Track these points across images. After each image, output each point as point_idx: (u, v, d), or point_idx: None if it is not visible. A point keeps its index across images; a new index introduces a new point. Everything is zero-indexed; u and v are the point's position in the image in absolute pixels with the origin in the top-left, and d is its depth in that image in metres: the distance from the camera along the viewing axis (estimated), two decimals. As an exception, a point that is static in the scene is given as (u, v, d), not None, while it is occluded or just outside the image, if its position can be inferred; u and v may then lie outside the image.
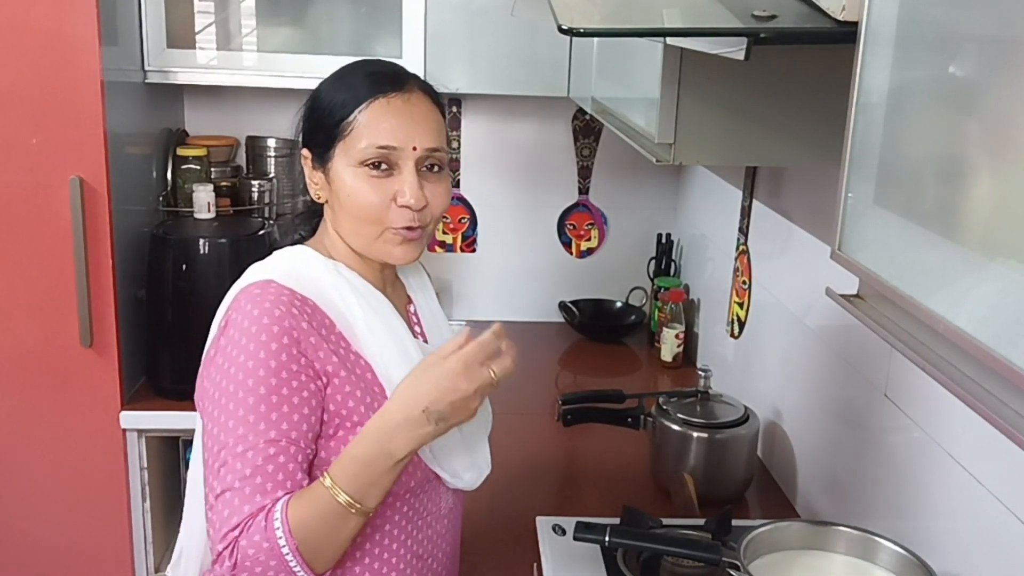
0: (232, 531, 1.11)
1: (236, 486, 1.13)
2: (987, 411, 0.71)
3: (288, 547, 1.10)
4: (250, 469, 1.13)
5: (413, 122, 1.23)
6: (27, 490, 2.22)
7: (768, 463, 2.00)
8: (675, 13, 1.15)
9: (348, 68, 1.30)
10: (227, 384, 1.16)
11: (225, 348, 1.18)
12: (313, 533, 1.12)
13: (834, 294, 0.97)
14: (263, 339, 1.15)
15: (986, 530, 1.23)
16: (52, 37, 1.99)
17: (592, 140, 2.83)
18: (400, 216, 1.23)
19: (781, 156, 1.55)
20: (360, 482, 1.12)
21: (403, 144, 1.22)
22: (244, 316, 1.18)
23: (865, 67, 0.91)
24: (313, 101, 1.28)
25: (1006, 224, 0.71)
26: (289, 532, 1.10)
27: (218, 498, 1.13)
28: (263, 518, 1.12)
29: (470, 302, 2.92)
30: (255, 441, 1.13)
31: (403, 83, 1.25)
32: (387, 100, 1.23)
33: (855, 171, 0.93)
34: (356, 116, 1.22)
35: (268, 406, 1.14)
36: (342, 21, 2.52)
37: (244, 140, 2.71)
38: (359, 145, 1.22)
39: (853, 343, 1.63)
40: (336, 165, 1.24)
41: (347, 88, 1.25)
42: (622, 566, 1.51)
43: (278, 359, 1.15)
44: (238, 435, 1.14)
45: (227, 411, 1.15)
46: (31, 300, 2.11)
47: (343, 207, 1.25)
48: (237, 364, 1.16)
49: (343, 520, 1.13)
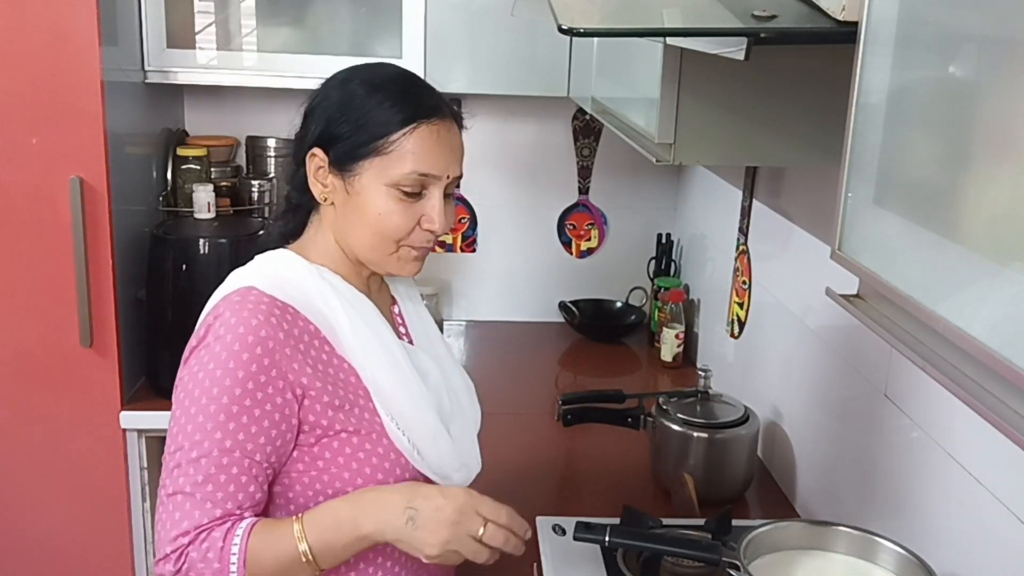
0: (182, 536, 1.12)
1: (187, 490, 1.13)
2: (987, 411, 0.71)
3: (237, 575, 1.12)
4: (202, 476, 1.13)
5: (451, 151, 1.25)
6: (27, 490, 2.22)
7: (768, 463, 2.00)
8: (675, 13, 1.16)
9: (376, 77, 1.26)
10: (194, 388, 1.17)
11: (199, 353, 1.19)
12: (263, 569, 1.13)
13: (834, 294, 0.97)
14: (236, 348, 1.16)
15: (986, 530, 1.23)
16: (52, 37, 1.99)
17: (592, 140, 2.83)
18: (421, 237, 1.26)
19: (781, 156, 1.55)
20: (324, 539, 1.14)
21: (441, 173, 1.24)
22: (222, 323, 1.18)
23: (865, 67, 0.91)
24: (337, 105, 1.24)
25: (1006, 224, 0.71)
26: (243, 562, 1.12)
27: (169, 497, 1.15)
28: (221, 537, 1.12)
29: (470, 302, 2.92)
30: (209, 448, 1.14)
31: (443, 110, 1.26)
32: (430, 127, 1.23)
33: (855, 171, 0.93)
34: (400, 138, 1.21)
35: (228, 416, 1.15)
36: (342, 21, 2.52)
37: (244, 140, 2.71)
38: (401, 168, 1.21)
39: (853, 343, 1.63)
40: (365, 179, 1.23)
41: (388, 104, 1.22)
42: (622, 566, 1.51)
43: (247, 370, 1.15)
44: (194, 440, 1.15)
45: (188, 415, 1.16)
46: (31, 300, 2.11)
47: (365, 221, 1.24)
48: (206, 371, 1.16)
49: (296, 567, 1.14)
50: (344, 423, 1.21)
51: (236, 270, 1.27)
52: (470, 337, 2.82)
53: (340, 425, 1.21)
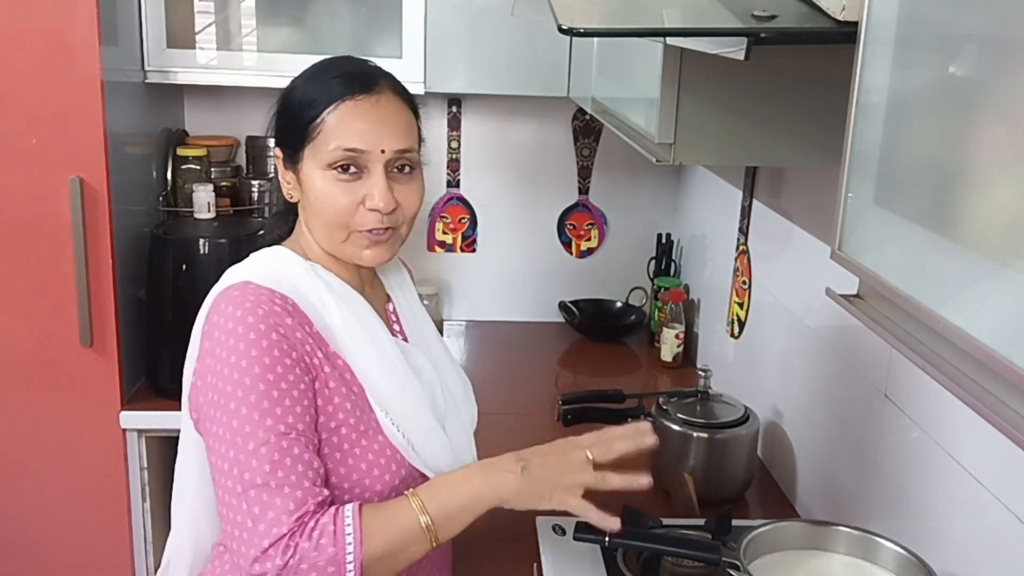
0: (277, 527, 1.09)
1: (259, 482, 1.11)
2: (987, 411, 0.71)
3: (354, 558, 1.09)
4: (268, 464, 1.11)
5: (382, 124, 1.23)
6: (27, 490, 2.22)
7: (768, 463, 2.00)
8: (675, 13, 1.16)
9: (321, 67, 1.28)
10: (224, 385, 1.15)
11: (213, 351, 1.17)
12: (382, 547, 1.11)
13: (834, 294, 0.97)
14: (252, 337, 1.15)
15: (986, 530, 1.23)
16: (52, 37, 1.99)
17: (592, 140, 2.83)
18: (368, 219, 1.23)
19: (781, 156, 1.55)
20: (443, 507, 1.14)
21: (371, 147, 1.22)
22: (227, 319, 1.17)
23: (865, 67, 0.91)
24: (284, 99, 1.28)
25: (1006, 223, 0.71)
26: (360, 541, 1.10)
27: (242, 496, 1.11)
28: (331, 521, 1.10)
29: (470, 302, 2.92)
30: (265, 437, 1.12)
31: (372, 84, 1.24)
32: (354, 102, 1.22)
33: (855, 171, 0.93)
34: (324, 118, 1.21)
35: (271, 401, 1.14)
36: (342, 21, 2.52)
37: (244, 140, 2.71)
38: (327, 148, 1.21)
39: (853, 343, 1.63)
40: (306, 167, 1.24)
41: (316, 88, 1.24)
42: (622, 566, 1.51)
43: (271, 354, 1.15)
44: (246, 433, 1.13)
45: (229, 411, 1.14)
46: (31, 300, 2.11)
47: (312, 209, 1.25)
48: (230, 365, 1.15)
49: (417, 543, 1.13)
50: (346, 415, 1.21)
51: (230, 268, 1.27)
52: (470, 337, 2.82)
53: (343, 415, 1.21)
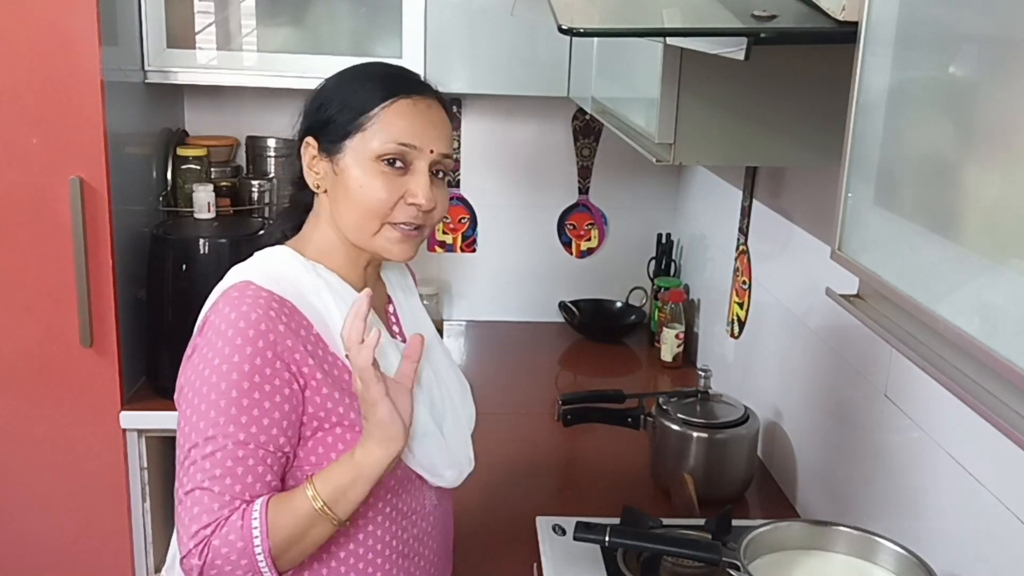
0: (203, 529, 1.13)
1: (205, 485, 1.14)
2: (987, 411, 0.71)
3: (262, 548, 1.13)
4: (219, 469, 1.14)
5: (432, 126, 1.26)
6: (27, 490, 2.22)
7: (768, 463, 2.00)
8: (675, 13, 1.15)
9: (365, 66, 1.32)
10: (200, 384, 1.17)
11: (201, 349, 1.20)
12: (285, 534, 1.14)
13: (834, 294, 0.97)
14: (238, 342, 1.16)
15: (986, 530, 1.23)
16: (52, 37, 1.99)
17: (592, 140, 2.83)
18: (405, 212, 1.25)
19: (781, 156, 1.55)
20: (331, 485, 1.16)
21: (423, 145, 1.24)
22: (222, 319, 1.19)
23: (865, 67, 0.91)
24: (327, 93, 1.30)
25: (1006, 224, 0.71)
26: (266, 533, 1.13)
27: (188, 495, 1.15)
28: (239, 518, 1.13)
29: (470, 302, 2.92)
30: (224, 442, 1.15)
31: (424, 88, 1.29)
32: (411, 101, 1.25)
33: (855, 171, 0.93)
34: (379, 111, 1.24)
35: (238, 408, 1.15)
36: (342, 21, 2.52)
37: (244, 140, 2.71)
38: (380, 139, 1.23)
39: (853, 343, 1.63)
40: (348, 157, 1.25)
41: (370, 84, 1.27)
42: (622, 566, 1.51)
43: (252, 362, 1.16)
44: (207, 435, 1.15)
45: (198, 411, 1.17)
46: (31, 300, 2.11)
47: (350, 198, 1.25)
48: (211, 366, 1.17)
49: (318, 524, 1.16)
50: (340, 416, 1.21)
51: (235, 266, 1.28)
52: (470, 337, 2.82)
53: (336, 418, 1.21)
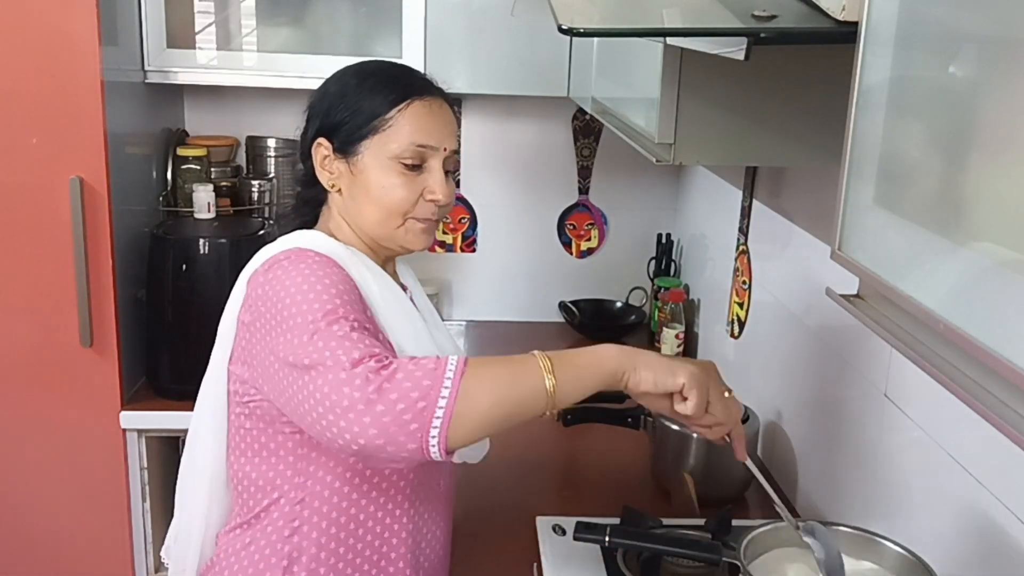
0: (367, 347, 1.08)
1: (340, 334, 1.10)
2: (987, 411, 0.71)
3: (454, 371, 1.05)
4: (334, 340, 1.09)
5: (444, 125, 1.33)
6: (27, 490, 2.22)
7: (768, 463, 2.00)
8: (675, 13, 1.16)
9: (371, 66, 1.35)
10: (287, 309, 1.14)
11: (274, 304, 1.16)
12: (488, 371, 1.07)
13: (834, 294, 0.97)
14: (320, 273, 1.17)
15: (986, 530, 1.23)
16: (52, 37, 1.99)
17: (592, 140, 2.83)
18: (426, 209, 1.30)
19: (781, 156, 1.55)
20: (565, 370, 1.09)
21: (438, 144, 1.30)
22: (284, 272, 1.18)
23: (865, 67, 0.91)
24: (336, 95, 1.32)
25: (1006, 224, 0.71)
26: (465, 362, 1.06)
27: (325, 346, 1.08)
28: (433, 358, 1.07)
29: (470, 302, 2.92)
30: (332, 317, 1.12)
31: (433, 88, 1.34)
32: (424, 102, 1.30)
33: (855, 171, 0.93)
34: (395, 114, 1.28)
35: (336, 297, 1.15)
36: (342, 21, 2.52)
37: (244, 140, 2.71)
38: (398, 141, 1.27)
39: (853, 343, 1.63)
40: (367, 158, 1.29)
41: (382, 86, 1.30)
42: (622, 566, 1.51)
43: (336, 288, 1.17)
44: (308, 320, 1.11)
45: (291, 314, 1.13)
46: (31, 300, 2.11)
47: (371, 197, 1.29)
48: (291, 293, 1.15)
49: (529, 397, 1.07)
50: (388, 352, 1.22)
51: (266, 247, 1.29)
52: (470, 337, 2.82)
53: None
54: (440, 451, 1.04)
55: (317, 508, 1.26)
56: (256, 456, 1.28)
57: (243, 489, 1.31)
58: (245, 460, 1.29)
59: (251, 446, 1.28)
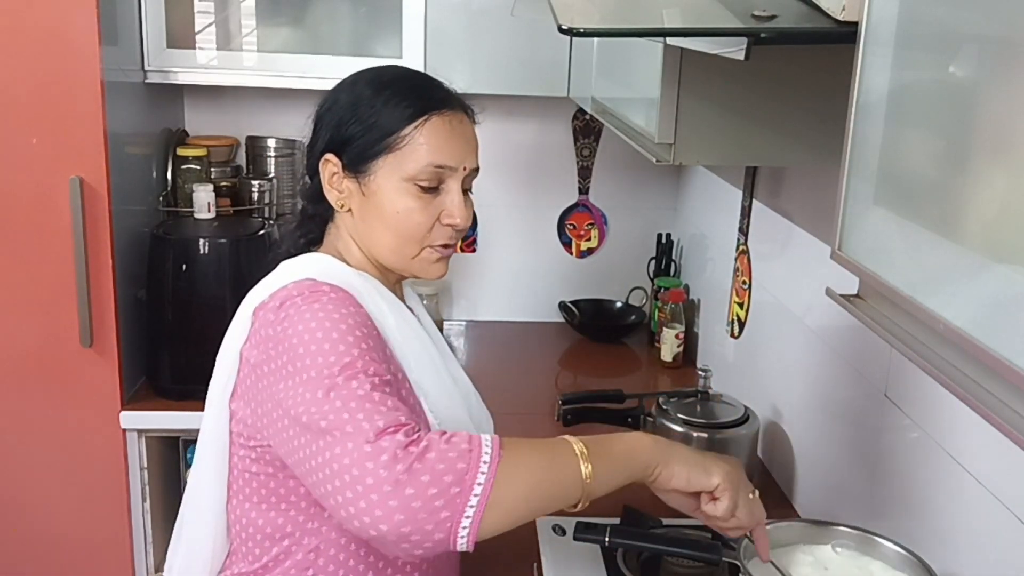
0: (395, 415, 0.98)
1: (362, 394, 1.00)
2: (987, 411, 0.71)
3: (490, 455, 0.96)
4: (354, 401, 0.99)
5: (464, 141, 1.22)
6: (27, 490, 2.22)
7: (768, 463, 2.00)
8: (675, 13, 1.16)
9: (385, 74, 1.24)
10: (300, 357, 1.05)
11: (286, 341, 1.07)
12: (525, 466, 0.98)
13: (834, 294, 0.97)
14: (335, 316, 1.08)
15: (986, 530, 1.23)
16: (52, 37, 1.99)
17: (592, 140, 2.83)
18: (442, 234, 1.22)
19: (781, 156, 1.55)
20: (597, 446, 1.04)
21: (457, 164, 1.21)
22: (296, 311, 1.09)
23: (865, 67, 0.91)
24: (347, 106, 1.21)
25: (1006, 224, 0.71)
26: (500, 444, 0.97)
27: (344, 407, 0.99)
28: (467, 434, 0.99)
29: (470, 302, 2.92)
30: (351, 375, 1.01)
31: (452, 101, 1.24)
32: (442, 118, 1.20)
33: (855, 171, 0.93)
34: (412, 131, 1.18)
35: (355, 347, 1.05)
36: (342, 21, 2.52)
37: (244, 140, 2.71)
38: (416, 162, 1.18)
39: (853, 343, 1.63)
40: (380, 178, 1.19)
41: (398, 99, 1.20)
42: (622, 566, 1.51)
43: (353, 334, 1.07)
44: (324, 376, 1.01)
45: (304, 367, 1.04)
46: (31, 300, 2.11)
47: (385, 222, 1.20)
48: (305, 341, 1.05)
49: (565, 485, 1.00)
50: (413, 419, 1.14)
51: (272, 274, 1.20)
52: (470, 337, 2.82)
53: None
54: (468, 542, 0.96)
55: (333, 556, 1.17)
56: (263, 502, 1.18)
57: (248, 536, 1.21)
58: (251, 506, 1.19)
59: (257, 491, 1.18)
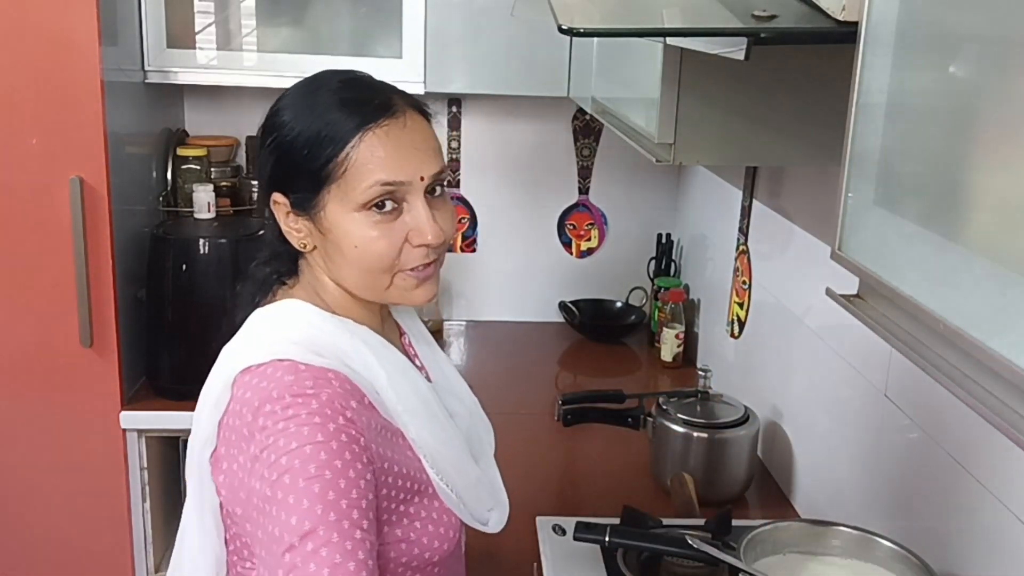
0: None
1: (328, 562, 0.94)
2: (987, 411, 0.71)
3: None
4: (328, 568, 0.94)
5: (415, 149, 1.07)
6: (27, 490, 2.22)
7: (768, 463, 2.00)
8: (675, 13, 1.16)
9: (315, 89, 1.11)
10: (280, 476, 0.98)
11: (265, 440, 1.00)
12: None
13: (834, 294, 0.97)
14: (316, 421, 1.00)
15: (986, 530, 1.23)
16: (52, 37, 1.99)
17: (592, 140, 2.83)
18: (415, 256, 1.09)
19: (781, 156, 1.55)
20: None
21: (411, 177, 1.06)
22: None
23: (865, 67, 0.91)
24: (281, 138, 1.09)
25: (1006, 224, 0.71)
26: None
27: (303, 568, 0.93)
28: None
29: (470, 302, 2.92)
30: (327, 535, 0.95)
31: (392, 105, 1.08)
32: (381, 129, 1.06)
33: (855, 171, 0.93)
34: (349, 152, 1.05)
35: (336, 492, 0.97)
36: (342, 21, 2.52)
37: (244, 140, 2.71)
38: (360, 186, 1.05)
39: (853, 343, 1.63)
40: (330, 212, 1.07)
41: (327, 118, 1.07)
42: (622, 566, 1.51)
43: (339, 440, 1.00)
44: (304, 531, 0.95)
45: (287, 505, 0.97)
46: (31, 300, 2.11)
47: (347, 259, 1.08)
48: (289, 453, 0.98)
49: None
50: (399, 490, 1.09)
51: (249, 330, 1.12)
52: (470, 337, 2.82)
53: (404, 494, 1.09)
54: None
55: None
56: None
57: None
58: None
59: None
